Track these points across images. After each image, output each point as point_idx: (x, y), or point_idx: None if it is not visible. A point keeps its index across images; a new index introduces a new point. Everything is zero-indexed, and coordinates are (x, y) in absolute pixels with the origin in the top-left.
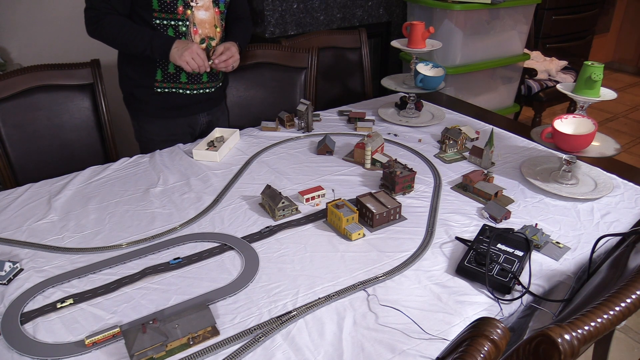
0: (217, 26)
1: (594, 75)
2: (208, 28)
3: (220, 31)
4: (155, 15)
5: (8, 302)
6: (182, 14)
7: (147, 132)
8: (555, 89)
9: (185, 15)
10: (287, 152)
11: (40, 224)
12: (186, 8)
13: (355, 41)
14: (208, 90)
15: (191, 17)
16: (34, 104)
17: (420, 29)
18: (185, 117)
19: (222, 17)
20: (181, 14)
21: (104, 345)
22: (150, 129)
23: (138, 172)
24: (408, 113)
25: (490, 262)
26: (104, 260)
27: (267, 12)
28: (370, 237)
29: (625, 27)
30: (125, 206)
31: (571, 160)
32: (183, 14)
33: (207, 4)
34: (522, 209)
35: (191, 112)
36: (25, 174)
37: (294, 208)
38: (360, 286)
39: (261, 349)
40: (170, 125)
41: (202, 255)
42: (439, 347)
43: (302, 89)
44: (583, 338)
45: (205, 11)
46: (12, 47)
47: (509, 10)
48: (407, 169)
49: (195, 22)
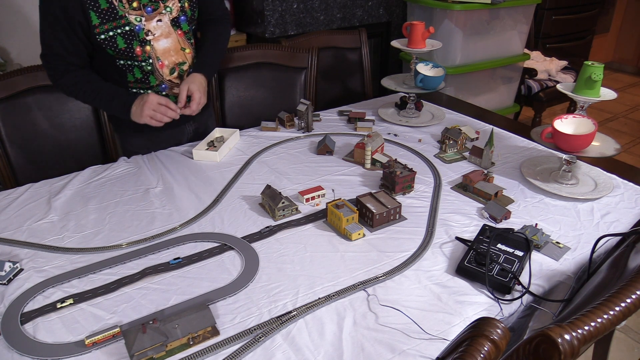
0: (185, 48)
1: (594, 75)
2: (174, 55)
3: (190, 51)
4: (116, 59)
5: (8, 302)
6: (141, 54)
7: (131, 145)
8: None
9: (145, 54)
10: (287, 152)
11: (40, 224)
12: (144, 45)
13: (355, 41)
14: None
15: (152, 52)
16: (34, 104)
17: (420, 29)
18: (170, 129)
19: (188, 37)
20: (141, 55)
21: (104, 345)
22: (134, 142)
23: (138, 172)
24: (408, 113)
25: (490, 262)
26: (104, 260)
27: (267, 12)
28: (370, 237)
29: (625, 27)
30: (125, 206)
31: (571, 160)
32: (142, 53)
33: (165, 31)
34: (522, 209)
35: (175, 124)
36: (25, 174)
37: (294, 208)
38: (360, 286)
39: (261, 349)
40: (154, 138)
41: (202, 255)
42: (439, 347)
43: (302, 89)
44: (583, 338)
45: (165, 39)
46: (12, 47)
47: (509, 10)
48: (407, 169)
49: (158, 55)
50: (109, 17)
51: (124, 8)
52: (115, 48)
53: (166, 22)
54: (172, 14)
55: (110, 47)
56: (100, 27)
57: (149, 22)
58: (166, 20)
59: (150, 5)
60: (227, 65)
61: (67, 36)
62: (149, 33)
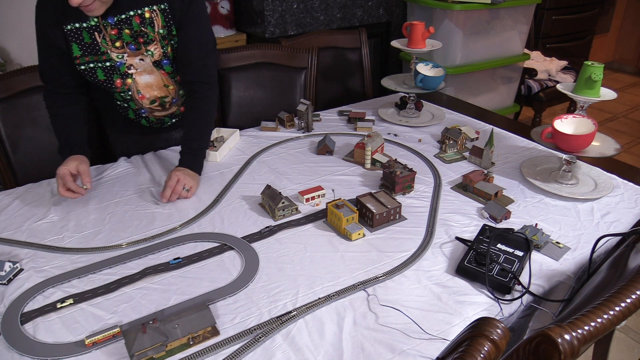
0: (169, 85)
1: (594, 75)
2: (156, 90)
3: (174, 87)
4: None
5: (8, 302)
6: (121, 86)
7: (121, 145)
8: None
9: (125, 86)
10: (287, 152)
11: (40, 224)
12: (125, 78)
13: (355, 41)
14: (175, 120)
15: (133, 85)
16: (34, 104)
17: (420, 29)
18: (156, 134)
19: (172, 76)
20: (121, 86)
21: (104, 345)
22: (123, 142)
23: (138, 172)
24: (408, 113)
25: (490, 262)
26: (104, 260)
27: (267, 12)
28: (370, 237)
29: (625, 27)
30: (125, 206)
31: (571, 160)
32: (123, 85)
33: (148, 68)
34: (522, 209)
35: (164, 130)
36: (25, 174)
37: (294, 208)
38: (360, 286)
39: (261, 349)
40: (143, 141)
41: (202, 255)
42: (439, 347)
43: (302, 89)
44: (583, 338)
45: (148, 75)
46: (12, 47)
47: (509, 10)
48: (407, 169)
49: (139, 88)
50: (90, 50)
51: (106, 45)
52: (95, 78)
53: (148, 63)
54: (153, 57)
55: (90, 76)
56: (81, 59)
57: (131, 57)
58: (148, 61)
59: (134, 45)
60: (227, 65)
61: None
62: (131, 67)
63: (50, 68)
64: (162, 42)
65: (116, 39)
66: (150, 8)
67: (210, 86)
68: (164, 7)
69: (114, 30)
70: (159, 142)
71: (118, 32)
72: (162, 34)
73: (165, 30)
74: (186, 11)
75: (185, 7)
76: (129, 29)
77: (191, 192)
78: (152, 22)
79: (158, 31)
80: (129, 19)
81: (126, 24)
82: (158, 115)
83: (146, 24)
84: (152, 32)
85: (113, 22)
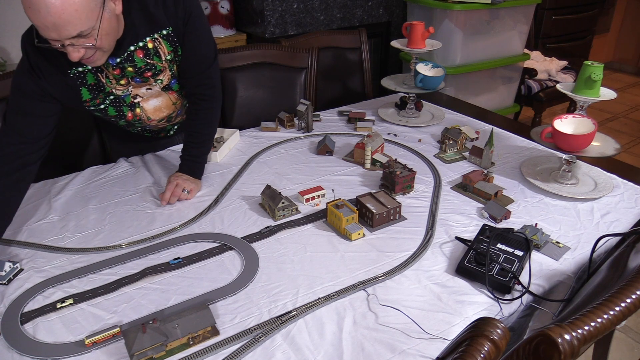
0: (176, 101)
1: (593, 75)
2: (165, 111)
3: (180, 102)
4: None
5: (8, 302)
6: (132, 118)
7: (118, 153)
8: (555, 89)
9: (137, 117)
10: (287, 153)
11: (40, 224)
12: (134, 109)
13: (355, 41)
14: (177, 126)
15: (142, 114)
16: None
17: (420, 29)
18: (159, 139)
19: (180, 93)
20: (132, 119)
21: (104, 345)
22: (120, 149)
23: (138, 172)
24: (408, 113)
25: (490, 262)
26: (104, 260)
27: (267, 12)
28: (370, 237)
29: (625, 27)
30: (125, 206)
31: (571, 160)
32: (134, 117)
33: (155, 93)
34: (522, 208)
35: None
36: None
37: (294, 208)
38: (360, 286)
39: (261, 349)
40: (142, 148)
41: (202, 255)
42: (439, 347)
43: (302, 89)
44: (583, 338)
45: (155, 99)
46: (12, 47)
47: (509, 10)
48: (407, 169)
49: (148, 115)
50: (97, 91)
51: (110, 84)
52: (106, 116)
53: (157, 90)
54: (163, 83)
55: (101, 115)
56: (92, 102)
57: (136, 89)
58: (157, 88)
59: (139, 78)
60: (227, 65)
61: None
62: (137, 96)
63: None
64: (170, 66)
65: (120, 78)
66: (152, 37)
67: (214, 96)
68: (167, 33)
69: (116, 70)
70: (161, 147)
71: (121, 71)
72: (169, 60)
73: (172, 55)
74: (187, 26)
75: (186, 22)
76: (131, 66)
77: (191, 194)
78: (157, 51)
79: (166, 59)
80: (130, 55)
81: (128, 62)
82: (162, 125)
83: (151, 55)
84: (159, 62)
85: (114, 63)
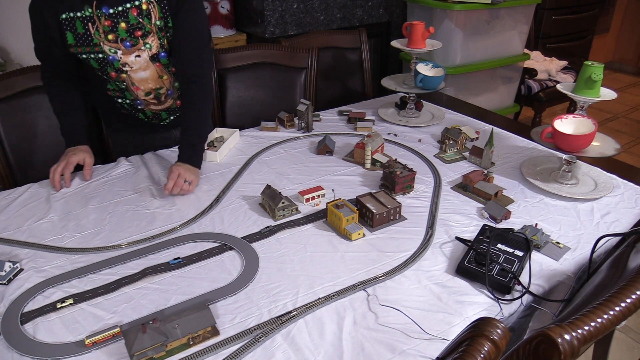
0: (163, 75)
1: (594, 75)
2: (151, 83)
3: (168, 77)
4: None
5: (8, 302)
6: (116, 77)
7: (119, 145)
8: (555, 89)
9: (120, 78)
10: (287, 152)
11: (40, 224)
12: (119, 72)
13: (355, 41)
14: (173, 117)
15: (128, 79)
16: (33, 104)
17: (420, 29)
18: (156, 133)
19: (167, 67)
20: (115, 77)
21: (104, 345)
22: (121, 142)
23: (138, 172)
24: (408, 113)
25: (490, 262)
26: (104, 260)
27: (267, 12)
28: (370, 237)
29: (625, 27)
30: (125, 206)
31: (571, 160)
32: (117, 77)
33: (143, 64)
34: (522, 209)
35: (162, 129)
36: (25, 174)
37: (294, 208)
38: (360, 286)
39: (261, 349)
40: (141, 140)
41: (202, 255)
42: (439, 347)
43: (302, 89)
44: (583, 338)
45: (144, 71)
46: (12, 47)
47: (509, 10)
48: (407, 169)
49: (134, 82)
50: (83, 41)
51: (99, 37)
52: (89, 66)
53: (145, 58)
54: (151, 51)
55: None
56: (75, 48)
57: (126, 55)
58: (145, 56)
59: (129, 41)
60: (227, 65)
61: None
62: (126, 65)
63: (48, 49)
64: (159, 34)
65: (109, 31)
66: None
67: (206, 80)
68: None
69: (107, 21)
70: (158, 142)
71: (112, 24)
72: (158, 26)
73: (162, 22)
74: (182, 3)
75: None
76: (125, 22)
77: (192, 185)
78: (149, 13)
79: (155, 23)
80: (126, 11)
81: (122, 17)
82: (154, 109)
83: (143, 15)
84: (148, 24)
85: (107, 13)
